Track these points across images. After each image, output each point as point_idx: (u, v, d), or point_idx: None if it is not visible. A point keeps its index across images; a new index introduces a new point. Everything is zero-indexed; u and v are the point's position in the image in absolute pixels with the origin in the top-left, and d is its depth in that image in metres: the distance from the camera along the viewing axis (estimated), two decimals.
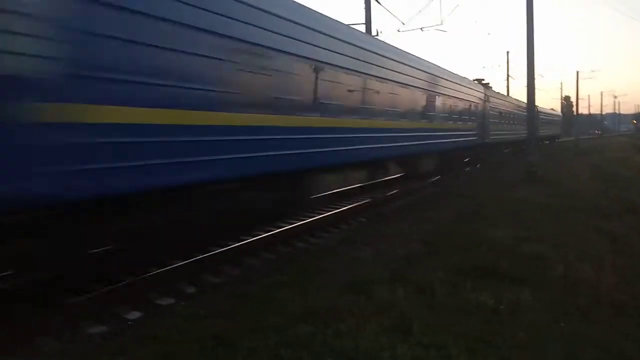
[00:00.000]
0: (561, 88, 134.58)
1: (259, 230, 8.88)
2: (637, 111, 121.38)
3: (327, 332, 4.46)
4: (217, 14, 6.11)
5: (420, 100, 13.69)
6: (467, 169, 21.03)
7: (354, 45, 9.90)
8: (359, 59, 9.94)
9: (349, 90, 9.63)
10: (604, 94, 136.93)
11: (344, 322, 4.65)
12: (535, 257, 7.11)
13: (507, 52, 54.54)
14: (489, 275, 6.07)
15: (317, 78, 8.49)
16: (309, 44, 8.21)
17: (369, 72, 10.44)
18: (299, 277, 6.21)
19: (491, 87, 24.73)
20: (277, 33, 7.29)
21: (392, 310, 4.97)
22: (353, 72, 9.72)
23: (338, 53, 9.15)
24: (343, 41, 9.43)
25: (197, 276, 6.48)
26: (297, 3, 8.18)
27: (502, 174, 19.37)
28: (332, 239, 8.90)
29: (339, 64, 9.18)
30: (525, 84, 18.38)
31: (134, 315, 5.28)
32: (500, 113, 25.70)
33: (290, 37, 7.65)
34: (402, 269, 6.41)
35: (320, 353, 4.12)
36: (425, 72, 14.24)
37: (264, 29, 7.00)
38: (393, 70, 11.70)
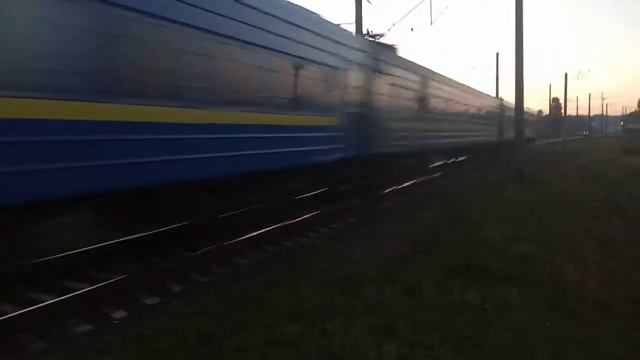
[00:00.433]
0: (550, 89, 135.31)
1: (248, 229, 8.85)
2: (624, 113, 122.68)
3: (315, 331, 4.45)
4: None
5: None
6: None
7: None
8: None
9: None
10: (592, 95, 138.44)
11: (331, 321, 4.65)
12: (523, 257, 7.15)
13: (497, 54, 54.66)
14: (477, 274, 6.09)
15: None
16: None
17: None
18: (288, 276, 6.19)
19: (397, 52, 14.09)
20: None
21: (380, 309, 4.97)
22: None
23: None
24: None
25: (185, 275, 6.44)
26: None
27: (490, 175, 19.47)
28: (322, 238, 8.88)
29: None
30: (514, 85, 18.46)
31: (120, 314, 5.23)
32: (422, 100, 15.42)
33: None
34: (391, 268, 6.41)
35: (308, 352, 4.11)
36: None
37: None
38: None
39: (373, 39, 12.79)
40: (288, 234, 8.81)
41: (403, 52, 14.47)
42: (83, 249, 6.65)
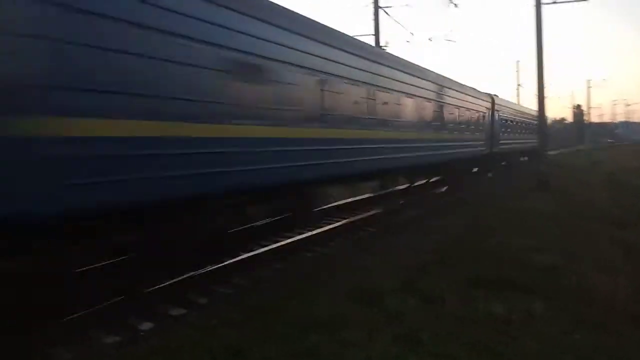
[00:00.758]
0: (572, 97, 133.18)
1: (268, 241, 8.92)
2: None
3: (338, 342, 4.46)
4: None
5: None
6: None
7: None
8: None
9: None
10: (615, 102, 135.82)
11: (354, 332, 4.65)
12: (547, 267, 7.06)
13: (517, 62, 54.38)
14: (500, 285, 6.03)
15: None
16: None
17: None
18: (310, 287, 6.21)
19: None
20: None
21: (403, 320, 4.96)
22: None
23: None
24: None
25: (208, 287, 6.52)
26: None
27: (512, 184, 19.23)
28: (342, 249, 8.89)
29: None
30: (536, 93, 18.33)
31: (147, 325, 5.33)
32: (292, 84, 7.58)
33: None
34: (412, 279, 6.39)
35: None
36: None
37: None
38: None
39: None
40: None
41: (422, 62, 13.81)
42: (110, 261, 6.77)
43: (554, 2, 18.17)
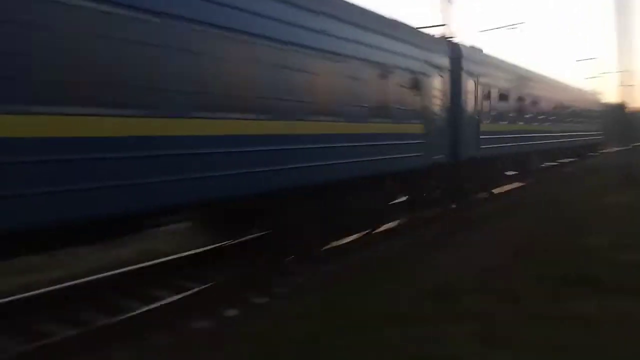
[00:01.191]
0: None
1: (341, 236, 9.03)
2: None
3: (414, 337, 4.45)
4: None
5: None
6: None
7: None
8: None
9: None
10: None
11: (430, 327, 4.62)
12: (634, 264, 6.67)
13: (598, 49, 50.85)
14: (585, 284, 5.75)
15: None
16: None
17: None
18: (383, 281, 6.26)
19: None
20: None
21: (480, 318, 4.84)
22: None
23: None
24: None
25: (285, 278, 6.73)
26: None
27: (595, 178, 18.19)
28: (414, 244, 8.84)
29: None
30: (618, 81, 17.20)
31: (232, 312, 5.59)
32: None
33: None
34: (489, 276, 6.23)
35: (408, 357, 4.14)
36: None
37: None
38: None
39: None
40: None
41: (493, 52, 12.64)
42: (196, 251, 7.16)
43: None
